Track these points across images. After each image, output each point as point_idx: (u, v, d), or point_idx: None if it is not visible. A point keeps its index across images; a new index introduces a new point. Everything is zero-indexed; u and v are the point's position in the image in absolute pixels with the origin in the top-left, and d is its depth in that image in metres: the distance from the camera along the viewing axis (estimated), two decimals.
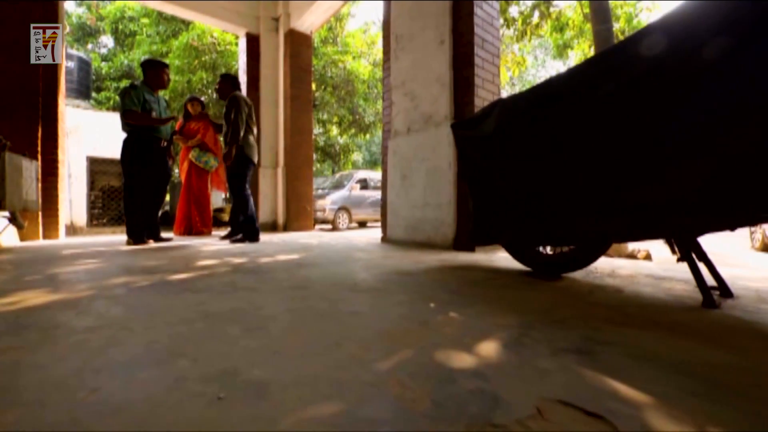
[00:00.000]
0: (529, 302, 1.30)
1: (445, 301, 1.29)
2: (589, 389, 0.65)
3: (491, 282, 1.66)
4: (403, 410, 0.58)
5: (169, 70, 3.71)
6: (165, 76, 3.64)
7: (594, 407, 0.59)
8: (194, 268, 2.04)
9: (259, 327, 1.01)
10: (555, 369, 0.74)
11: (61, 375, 0.71)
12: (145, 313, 1.15)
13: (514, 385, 0.67)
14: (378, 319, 1.09)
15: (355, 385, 0.67)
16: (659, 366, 0.76)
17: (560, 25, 8.19)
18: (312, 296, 1.37)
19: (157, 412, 0.58)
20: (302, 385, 0.67)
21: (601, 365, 0.76)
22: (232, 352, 0.83)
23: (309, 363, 0.77)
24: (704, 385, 0.67)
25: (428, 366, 0.75)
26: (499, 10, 5.22)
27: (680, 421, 0.56)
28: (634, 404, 0.61)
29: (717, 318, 1.10)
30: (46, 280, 1.68)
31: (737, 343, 0.90)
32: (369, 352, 0.82)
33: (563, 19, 8.15)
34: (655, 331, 0.98)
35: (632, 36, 1.27)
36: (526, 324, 1.03)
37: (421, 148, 3.25)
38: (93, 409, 0.59)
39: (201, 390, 0.65)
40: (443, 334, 0.94)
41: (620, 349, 0.84)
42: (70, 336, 0.93)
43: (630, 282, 1.66)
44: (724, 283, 1.36)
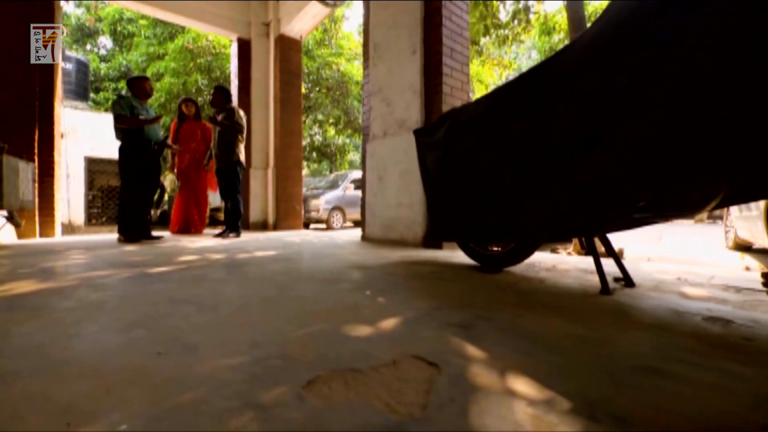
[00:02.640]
0: (452, 291, 1.49)
1: (381, 290, 1.48)
2: (445, 350, 0.85)
3: (435, 275, 1.85)
4: (292, 360, 0.78)
5: (150, 82, 3.97)
6: (147, 87, 3.90)
7: (437, 360, 0.78)
8: (174, 262, 2.24)
9: (211, 308, 1.21)
10: (431, 337, 0.93)
11: (40, 339, 0.91)
12: (119, 298, 1.34)
13: (389, 347, 0.86)
14: (315, 302, 1.28)
15: (265, 346, 0.86)
16: (517, 335, 0.95)
17: (547, 29, 8.38)
18: (269, 285, 1.57)
19: (109, 361, 0.78)
20: (225, 346, 0.87)
21: (470, 335, 0.95)
22: (181, 325, 1.02)
23: (239, 333, 0.96)
24: (537, 348, 0.87)
25: (332, 335, 0.95)
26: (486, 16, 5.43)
27: (491, 367, 0.75)
28: (470, 358, 0.80)
29: (602, 302, 1.30)
30: (38, 273, 1.88)
31: (598, 320, 1.09)
32: (291, 325, 1.02)
33: (550, 23, 8.34)
34: (540, 311, 1.18)
35: (527, 71, 1.48)
36: (436, 307, 1.23)
37: (396, 152, 3.45)
38: (60, 358, 0.79)
39: (147, 349, 0.85)
40: (361, 314, 1.14)
41: (496, 324, 1.04)
42: (52, 314, 1.13)
43: (561, 275, 1.85)
44: (627, 275, 1.56)
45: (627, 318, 1.12)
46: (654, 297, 1.38)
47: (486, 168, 1.76)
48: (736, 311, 1.18)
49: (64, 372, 0.73)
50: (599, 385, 0.68)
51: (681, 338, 0.93)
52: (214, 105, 4.32)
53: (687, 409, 0.60)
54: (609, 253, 1.59)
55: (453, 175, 2.01)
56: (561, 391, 0.65)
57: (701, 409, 0.60)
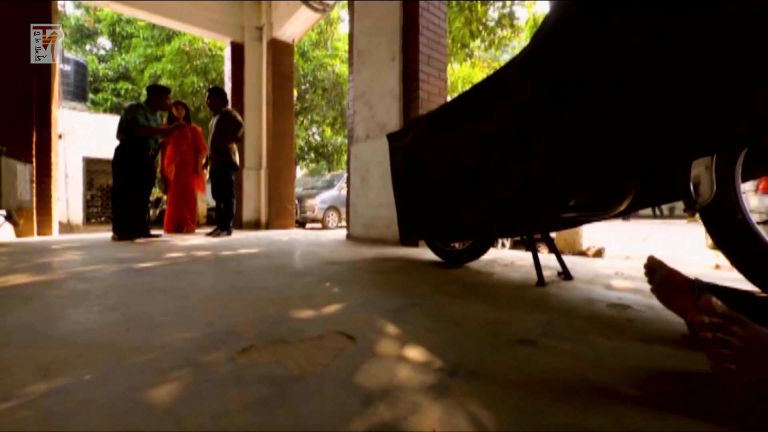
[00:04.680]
0: (403, 282, 1.66)
1: (339, 282, 1.65)
2: (367, 327, 1.01)
3: (397, 270, 2.02)
4: (236, 335, 0.94)
5: (170, 95, 4.18)
6: (167, 101, 4.12)
7: (356, 335, 0.95)
8: (160, 258, 2.41)
9: (183, 296, 1.37)
10: (361, 319, 1.10)
11: (30, 320, 1.07)
12: (103, 288, 1.51)
13: (322, 326, 1.03)
14: (275, 292, 1.45)
15: (217, 324, 1.02)
16: (434, 318, 1.11)
17: None
18: (241, 278, 1.73)
19: (85, 335, 0.94)
20: (184, 324, 1.03)
21: (396, 317, 1.11)
22: (153, 310, 1.19)
23: (199, 315, 1.13)
24: (444, 326, 1.03)
25: (278, 317, 1.11)
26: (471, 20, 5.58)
27: (397, 340, 0.91)
28: (384, 334, 0.96)
29: (532, 292, 1.46)
30: (33, 267, 2.04)
31: (516, 306, 1.25)
32: (246, 310, 1.18)
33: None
34: (470, 299, 1.34)
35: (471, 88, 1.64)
36: (380, 296, 1.39)
37: (377, 154, 3.61)
38: (45, 333, 0.95)
39: (119, 327, 1.01)
40: (311, 302, 1.30)
41: (423, 309, 1.20)
42: (42, 300, 1.29)
43: (513, 270, 2.01)
44: (566, 269, 1.72)
45: (542, 304, 1.28)
46: (581, 288, 1.54)
47: (443, 172, 1.92)
48: (642, 299, 1.34)
49: (47, 343, 0.89)
50: (477, 353, 0.84)
51: (573, 319, 1.09)
52: (212, 107, 4.51)
53: (534, 368, 0.76)
54: (550, 250, 1.76)
55: (417, 178, 2.17)
56: (443, 357, 0.81)
57: (546, 369, 0.76)
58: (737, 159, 1.04)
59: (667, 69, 0.88)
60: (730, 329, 0.55)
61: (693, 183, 1.03)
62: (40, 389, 0.66)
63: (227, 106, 4.55)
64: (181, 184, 5.01)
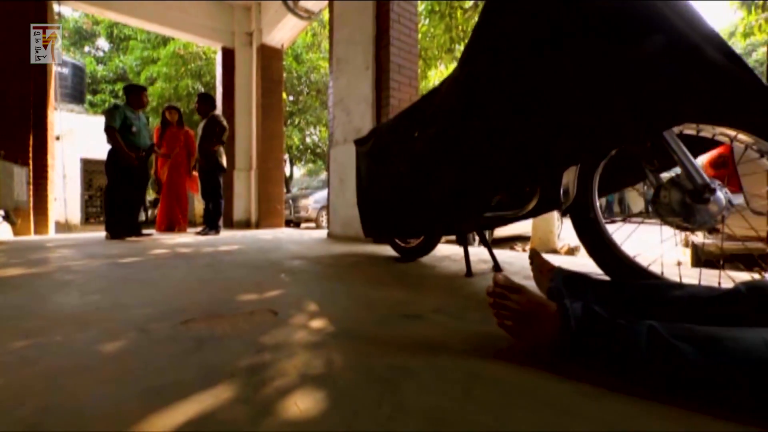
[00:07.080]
0: (348, 273, 1.88)
1: (294, 273, 1.87)
2: (292, 305, 1.24)
3: (353, 264, 2.24)
4: (184, 311, 1.17)
5: (147, 92, 4.36)
6: (144, 98, 4.29)
7: (280, 311, 1.17)
8: (144, 255, 2.63)
9: (153, 285, 1.60)
10: (294, 301, 1.32)
11: (18, 302, 1.30)
12: (85, 279, 1.74)
13: (256, 304, 1.25)
14: (234, 281, 1.67)
15: (172, 304, 1.25)
16: (354, 299, 1.34)
17: None
18: (210, 271, 1.96)
19: (63, 313, 1.17)
20: (146, 305, 1.26)
21: (321, 299, 1.34)
22: (124, 295, 1.41)
23: (161, 298, 1.35)
24: (358, 305, 1.25)
25: (225, 299, 1.34)
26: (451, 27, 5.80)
27: (311, 314, 1.14)
28: (303, 310, 1.19)
29: (454, 281, 1.68)
30: (26, 262, 2.27)
31: (430, 291, 1.48)
32: (202, 294, 1.41)
33: None
34: (395, 286, 1.56)
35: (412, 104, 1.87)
36: (320, 284, 1.61)
37: (354, 157, 3.83)
38: (30, 311, 1.18)
39: (91, 307, 1.24)
40: (259, 288, 1.53)
41: (349, 294, 1.43)
42: (30, 288, 1.52)
43: (456, 264, 2.23)
44: (496, 261, 1.94)
45: (455, 290, 1.51)
46: None
47: (393, 177, 2.14)
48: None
49: (31, 318, 1.12)
50: (367, 323, 1.06)
51: (468, 301, 1.32)
52: (200, 112, 4.76)
53: (405, 333, 0.99)
54: (483, 244, 1.98)
55: (374, 182, 2.40)
56: (338, 326, 1.04)
57: (423, 337, 0.98)
58: (595, 171, 1.27)
59: (526, 104, 1.11)
60: (507, 296, 0.77)
61: (563, 189, 1.25)
62: (21, 344, 0.88)
63: (214, 111, 4.80)
64: (173, 184, 5.24)
